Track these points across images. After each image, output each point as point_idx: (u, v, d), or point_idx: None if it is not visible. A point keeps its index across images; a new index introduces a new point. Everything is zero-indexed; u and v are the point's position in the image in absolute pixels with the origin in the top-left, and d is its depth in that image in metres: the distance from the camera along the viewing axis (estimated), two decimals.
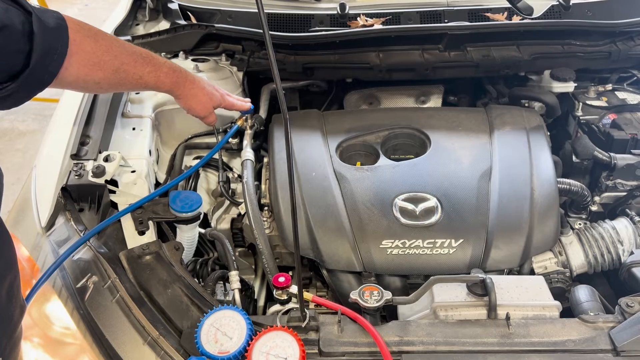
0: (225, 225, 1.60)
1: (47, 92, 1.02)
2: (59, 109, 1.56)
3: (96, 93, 1.51)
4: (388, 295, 1.13)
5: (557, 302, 1.14)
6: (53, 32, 0.92)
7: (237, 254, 1.65)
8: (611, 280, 1.51)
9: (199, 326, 1.04)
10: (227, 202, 1.63)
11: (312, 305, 1.25)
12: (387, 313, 1.28)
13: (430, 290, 1.17)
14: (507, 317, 1.08)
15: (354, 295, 1.13)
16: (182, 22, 1.92)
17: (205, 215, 1.62)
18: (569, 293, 1.30)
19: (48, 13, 0.93)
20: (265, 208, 1.52)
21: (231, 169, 1.75)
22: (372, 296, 1.13)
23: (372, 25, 1.87)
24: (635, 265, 1.21)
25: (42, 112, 4.23)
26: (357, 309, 1.12)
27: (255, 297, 1.56)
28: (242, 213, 1.57)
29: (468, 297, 1.15)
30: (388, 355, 1.00)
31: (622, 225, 1.45)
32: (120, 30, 1.91)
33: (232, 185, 1.67)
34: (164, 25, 2.03)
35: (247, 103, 1.57)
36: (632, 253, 1.27)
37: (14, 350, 0.93)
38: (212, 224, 1.61)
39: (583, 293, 1.22)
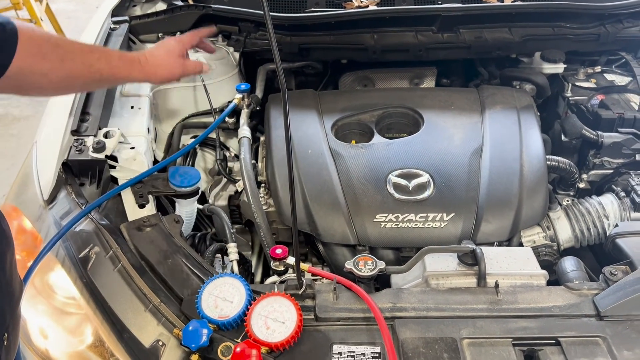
0: (222, 202, 1.63)
1: None
2: None
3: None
4: (382, 264, 1.17)
5: (544, 271, 1.18)
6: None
7: (234, 230, 1.68)
8: (597, 254, 1.56)
9: (200, 292, 1.07)
10: (224, 180, 1.66)
11: (308, 276, 1.28)
12: (380, 284, 1.32)
13: (422, 260, 1.21)
14: (496, 285, 1.12)
15: (348, 265, 1.17)
16: (179, 3, 1.94)
17: (203, 193, 1.65)
18: (556, 266, 1.35)
19: None
20: (262, 185, 1.54)
21: (228, 148, 1.77)
22: (366, 266, 1.16)
23: (367, 6, 1.90)
24: (619, 236, 1.25)
25: (36, 98, 4.21)
26: (352, 279, 1.16)
27: (252, 272, 1.59)
28: (240, 190, 1.60)
29: (459, 266, 1.19)
30: (382, 320, 1.03)
31: (608, 200, 1.50)
32: (117, 11, 1.92)
33: (229, 164, 1.69)
34: (161, 6, 2.05)
35: (210, 28, 1.62)
36: (616, 226, 1.31)
37: (16, 327, 0.96)
38: (210, 201, 1.64)
39: (569, 263, 1.27)
